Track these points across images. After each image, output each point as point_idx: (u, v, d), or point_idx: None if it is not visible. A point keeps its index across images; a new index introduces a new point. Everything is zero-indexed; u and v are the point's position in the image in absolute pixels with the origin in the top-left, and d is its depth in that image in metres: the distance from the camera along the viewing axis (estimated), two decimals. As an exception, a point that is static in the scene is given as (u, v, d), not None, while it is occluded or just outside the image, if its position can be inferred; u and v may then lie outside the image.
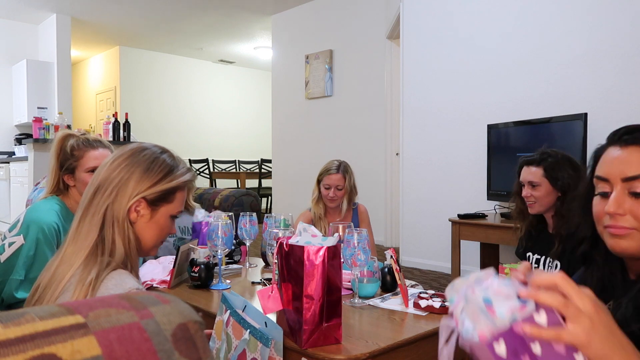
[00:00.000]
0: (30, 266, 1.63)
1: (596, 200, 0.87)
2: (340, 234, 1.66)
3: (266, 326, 1.11)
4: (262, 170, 8.05)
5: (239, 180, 8.01)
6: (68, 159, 1.73)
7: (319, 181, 2.60)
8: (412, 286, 2.02)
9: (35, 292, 1.05)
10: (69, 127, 5.67)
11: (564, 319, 0.56)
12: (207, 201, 3.28)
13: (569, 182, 1.78)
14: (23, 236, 1.65)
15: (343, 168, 2.56)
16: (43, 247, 1.65)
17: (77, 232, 1.05)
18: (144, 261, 1.95)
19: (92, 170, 1.73)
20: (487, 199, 3.65)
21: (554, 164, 1.81)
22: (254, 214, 2.00)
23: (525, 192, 1.86)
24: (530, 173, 1.86)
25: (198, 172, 7.66)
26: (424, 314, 1.43)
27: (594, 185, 0.89)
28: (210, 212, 2.48)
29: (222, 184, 8.12)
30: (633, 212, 0.81)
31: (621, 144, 0.83)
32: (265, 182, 7.99)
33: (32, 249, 1.64)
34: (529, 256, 1.93)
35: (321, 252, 1.14)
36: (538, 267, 1.87)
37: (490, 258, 3.77)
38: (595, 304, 0.58)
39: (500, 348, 0.55)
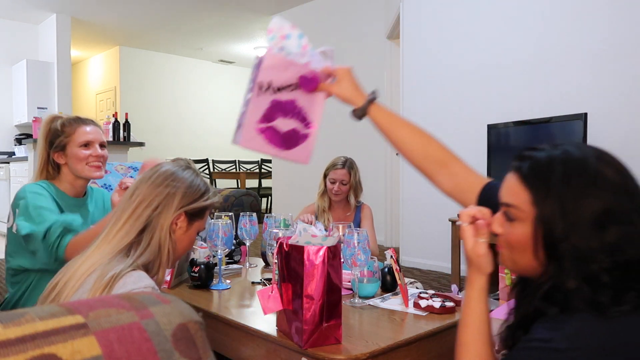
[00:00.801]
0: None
1: None
2: (341, 233, 1.66)
3: None
4: (262, 170, 8.05)
5: (239, 180, 8.01)
6: (58, 136, 1.70)
7: (325, 175, 2.68)
8: (410, 283, 2.02)
9: (53, 289, 1.07)
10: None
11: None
12: (207, 201, 3.28)
13: None
14: (16, 209, 1.61)
15: (349, 164, 2.63)
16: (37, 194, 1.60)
17: (114, 235, 1.12)
18: None
19: (86, 144, 1.71)
20: (487, 199, 3.64)
21: None
22: (254, 214, 2.00)
23: None
24: None
25: (198, 172, 7.67)
26: (424, 314, 1.43)
27: None
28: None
29: (222, 184, 8.12)
30: (504, 234, 0.87)
31: (509, 169, 0.88)
32: (265, 182, 7.99)
33: (30, 200, 1.58)
34: None
35: (321, 252, 1.14)
36: None
37: (490, 258, 3.77)
38: (477, 253, 0.90)
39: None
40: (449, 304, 1.45)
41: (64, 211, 1.67)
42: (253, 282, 1.83)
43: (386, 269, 1.70)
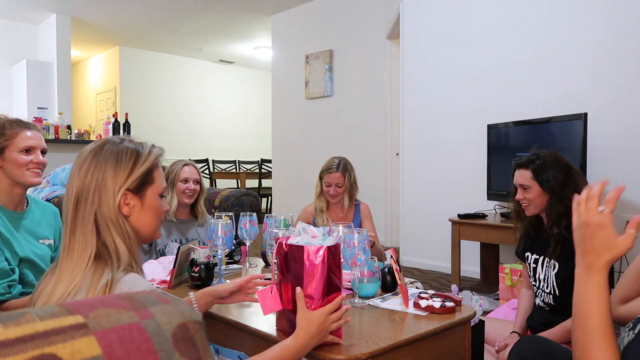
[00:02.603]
0: None
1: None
2: (341, 234, 1.66)
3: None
4: (262, 170, 8.05)
5: (239, 180, 8.01)
6: None
7: (320, 177, 2.68)
8: (410, 283, 2.02)
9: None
10: (69, 127, 5.67)
11: None
12: (207, 201, 3.28)
13: (555, 184, 1.77)
14: None
15: (342, 166, 2.62)
16: None
17: (70, 248, 1.02)
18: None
19: (27, 150, 1.61)
20: (487, 199, 3.65)
21: (542, 165, 1.81)
22: (254, 214, 2.00)
23: (518, 194, 1.86)
24: (521, 176, 1.85)
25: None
26: (424, 314, 1.43)
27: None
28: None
29: (222, 184, 8.12)
30: None
31: None
32: (265, 182, 7.99)
33: None
34: (528, 256, 1.92)
35: (321, 252, 1.14)
36: (536, 267, 1.86)
37: (490, 258, 3.77)
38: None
39: None
40: (449, 304, 1.45)
41: (3, 229, 1.57)
42: (253, 282, 1.83)
43: (386, 269, 1.70)
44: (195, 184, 2.43)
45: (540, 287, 1.83)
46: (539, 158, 1.83)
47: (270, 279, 1.84)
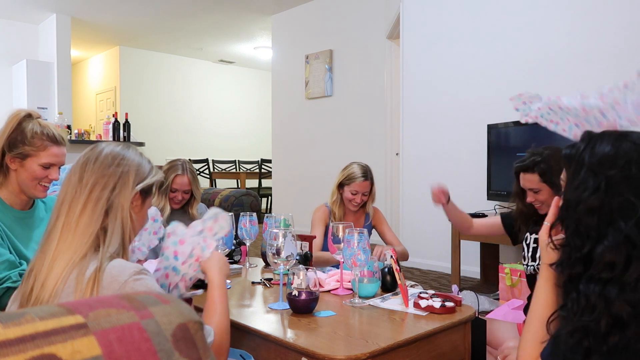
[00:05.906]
0: None
1: None
2: (341, 234, 1.66)
3: (243, 359, 1.22)
4: (262, 170, 8.05)
5: (239, 180, 8.01)
6: (24, 143, 1.54)
7: (341, 184, 2.52)
8: (411, 286, 2.02)
9: (30, 292, 1.03)
10: (69, 127, 5.67)
11: None
12: (207, 201, 3.28)
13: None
14: None
15: (370, 175, 2.53)
16: None
17: (76, 222, 1.07)
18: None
19: (47, 166, 1.57)
20: (487, 199, 3.65)
21: (547, 169, 1.81)
22: (254, 214, 2.01)
23: (530, 198, 1.87)
24: (528, 180, 1.86)
25: (198, 172, 7.65)
26: (424, 314, 1.43)
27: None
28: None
29: (222, 184, 8.11)
30: None
31: None
32: (265, 182, 7.99)
33: None
34: (527, 237, 1.92)
35: None
36: (537, 246, 1.86)
37: (490, 258, 3.77)
38: None
39: None
40: (449, 304, 1.45)
41: (6, 227, 1.54)
42: (253, 282, 1.84)
43: (386, 269, 1.70)
44: (185, 194, 2.42)
45: (539, 266, 1.83)
46: (543, 160, 1.83)
47: (270, 279, 1.85)
